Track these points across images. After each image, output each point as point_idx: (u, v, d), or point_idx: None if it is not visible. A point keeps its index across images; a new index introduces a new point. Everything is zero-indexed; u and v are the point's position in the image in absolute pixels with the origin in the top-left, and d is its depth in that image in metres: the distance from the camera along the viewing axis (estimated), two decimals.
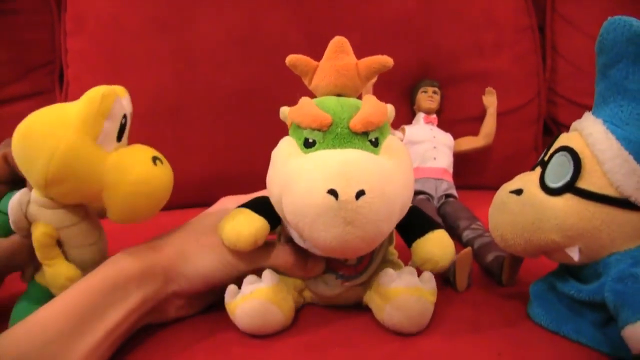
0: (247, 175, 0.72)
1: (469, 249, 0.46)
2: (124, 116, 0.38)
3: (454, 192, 0.69)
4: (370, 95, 0.40)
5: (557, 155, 0.37)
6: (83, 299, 0.35)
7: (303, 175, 0.35)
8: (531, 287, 0.42)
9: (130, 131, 0.40)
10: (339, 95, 0.40)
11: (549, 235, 0.36)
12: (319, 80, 0.41)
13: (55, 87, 0.85)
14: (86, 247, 0.40)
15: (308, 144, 0.38)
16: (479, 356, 0.36)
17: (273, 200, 0.39)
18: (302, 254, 0.41)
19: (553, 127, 0.85)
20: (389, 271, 0.39)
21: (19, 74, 0.82)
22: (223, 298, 0.40)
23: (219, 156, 0.79)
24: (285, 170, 0.37)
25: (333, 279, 0.41)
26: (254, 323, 0.38)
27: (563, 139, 0.38)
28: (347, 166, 0.35)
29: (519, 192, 0.38)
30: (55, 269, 0.38)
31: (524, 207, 0.37)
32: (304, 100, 0.39)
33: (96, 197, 0.38)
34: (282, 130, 0.41)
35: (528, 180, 0.39)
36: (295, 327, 0.40)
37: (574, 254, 0.36)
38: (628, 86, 0.35)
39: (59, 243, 0.39)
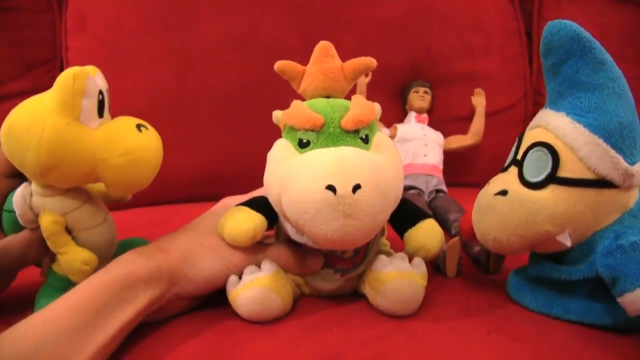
0: (244, 173, 0.74)
1: (457, 238, 0.48)
2: (100, 92, 0.38)
3: (443, 187, 0.71)
4: (358, 95, 0.41)
5: (531, 151, 0.39)
6: (96, 296, 0.35)
7: (301, 174, 0.37)
8: (512, 278, 0.44)
9: None
10: (327, 97, 0.42)
11: (543, 226, 0.37)
12: (307, 84, 0.42)
13: None
14: (94, 228, 0.41)
15: (302, 144, 0.39)
16: (469, 335, 0.38)
17: (272, 200, 0.40)
18: (301, 252, 0.42)
19: None
20: (382, 257, 0.41)
21: (20, 71, 0.83)
22: (223, 288, 0.41)
23: (217, 154, 0.80)
24: (282, 171, 0.38)
25: (331, 274, 0.43)
26: (254, 310, 0.40)
27: (530, 137, 0.40)
28: (342, 163, 0.36)
29: (504, 193, 0.39)
30: (69, 256, 0.39)
31: (514, 206, 0.38)
32: (296, 103, 0.40)
33: (92, 175, 0.38)
34: (278, 130, 0.43)
35: (508, 180, 0.40)
36: (294, 312, 0.42)
37: (566, 240, 0.38)
38: (581, 79, 0.38)
39: (68, 230, 0.40)
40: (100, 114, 0.38)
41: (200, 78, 0.79)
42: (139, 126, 0.39)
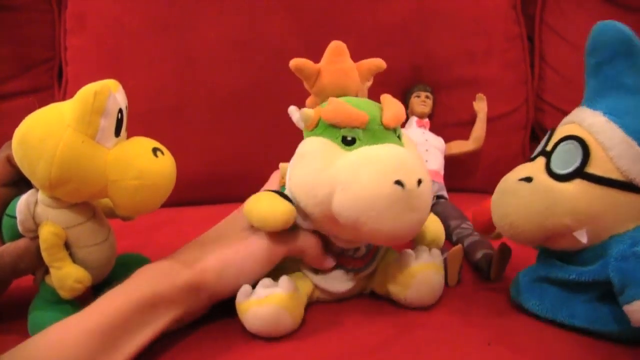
0: (245, 175, 0.73)
1: (459, 246, 0.47)
2: (120, 111, 0.37)
3: (444, 193, 0.70)
4: (387, 95, 0.41)
5: (562, 144, 0.39)
6: (117, 320, 0.34)
7: (362, 171, 0.36)
8: (521, 279, 0.43)
9: (129, 129, 0.40)
10: (341, 96, 0.41)
11: (562, 219, 0.37)
12: (326, 83, 0.42)
13: (54, 84, 0.85)
14: (94, 246, 0.40)
15: (348, 142, 0.39)
16: (470, 345, 0.38)
17: (315, 202, 0.38)
18: (323, 246, 0.42)
19: (540, 133, 0.87)
20: (408, 252, 0.43)
21: (19, 70, 0.82)
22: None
23: (217, 155, 0.80)
24: (333, 170, 0.37)
25: (344, 274, 0.43)
26: (264, 327, 0.38)
27: (563, 131, 0.40)
28: (401, 158, 0.37)
29: (528, 179, 0.39)
30: (62, 272, 0.38)
31: (537, 194, 0.38)
32: (336, 101, 0.39)
33: (102, 193, 0.38)
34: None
35: (534, 168, 0.40)
36: None
37: (582, 237, 0.37)
38: (624, 81, 0.38)
39: (67, 245, 0.39)
40: (117, 132, 0.38)
41: (201, 79, 0.79)
42: (155, 150, 0.38)
